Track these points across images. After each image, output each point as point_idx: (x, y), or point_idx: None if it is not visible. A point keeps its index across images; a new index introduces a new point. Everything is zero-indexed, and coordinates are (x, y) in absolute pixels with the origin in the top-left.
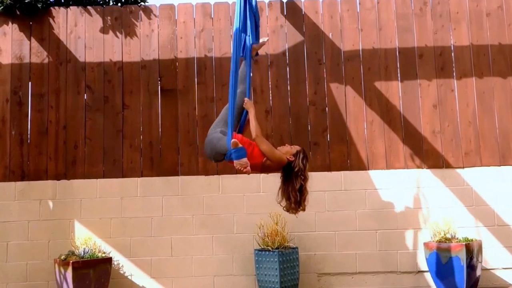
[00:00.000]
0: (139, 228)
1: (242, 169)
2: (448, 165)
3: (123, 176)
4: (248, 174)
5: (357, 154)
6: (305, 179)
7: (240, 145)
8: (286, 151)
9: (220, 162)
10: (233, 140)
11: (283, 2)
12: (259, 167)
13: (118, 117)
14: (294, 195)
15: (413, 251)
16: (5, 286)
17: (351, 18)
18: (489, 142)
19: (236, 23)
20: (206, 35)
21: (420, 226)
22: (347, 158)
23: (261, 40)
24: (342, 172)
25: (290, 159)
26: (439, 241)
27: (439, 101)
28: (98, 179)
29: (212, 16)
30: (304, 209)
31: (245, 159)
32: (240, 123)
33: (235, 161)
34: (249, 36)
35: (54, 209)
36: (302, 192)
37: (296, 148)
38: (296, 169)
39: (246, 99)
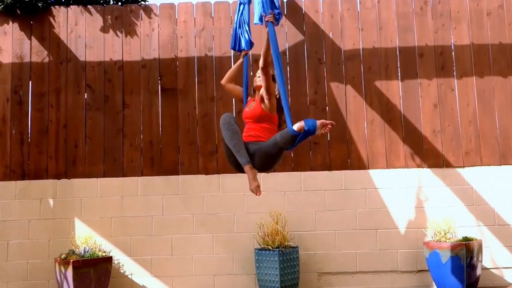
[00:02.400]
0: (140, 227)
1: (328, 128)
2: (448, 165)
3: (124, 175)
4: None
5: (358, 154)
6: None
7: (302, 123)
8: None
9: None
10: (297, 125)
11: (284, 1)
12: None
13: (119, 116)
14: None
15: (413, 250)
16: (6, 285)
17: (351, 17)
18: (490, 142)
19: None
20: (206, 34)
21: (420, 226)
22: (348, 158)
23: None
24: (343, 172)
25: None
26: (439, 241)
27: (439, 100)
28: (99, 178)
29: (213, 15)
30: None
31: (319, 122)
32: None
33: (318, 132)
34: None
35: (54, 208)
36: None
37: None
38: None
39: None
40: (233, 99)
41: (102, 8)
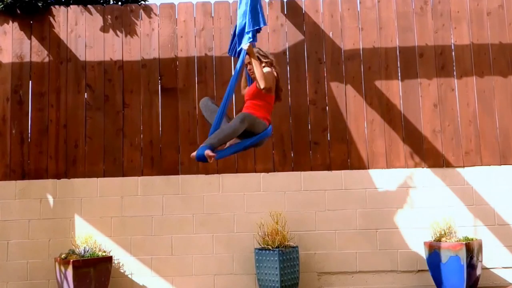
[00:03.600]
0: (140, 227)
1: (211, 159)
2: (448, 164)
3: (124, 175)
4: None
5: (358, 153)
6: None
7: (194, 153)
8: (265, 70)
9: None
10: (193, 153)
11: (284, 1)
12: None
13: (119, 116)
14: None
15: (413, 250)
16: (6, 285)
17: (351, 17)
18: (490, 141)
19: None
20: (206, 34)
21: (420, 225)
22: (348, 157)
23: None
24: (343, 171)
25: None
26: (439, 240)
27: (439, 100)
28: (99, 178)
29: (213, 15)
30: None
31: (206, 152)
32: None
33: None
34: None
35: (54, 208)
36: None
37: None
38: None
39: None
40: (233, 98)
41: (102, 7)
